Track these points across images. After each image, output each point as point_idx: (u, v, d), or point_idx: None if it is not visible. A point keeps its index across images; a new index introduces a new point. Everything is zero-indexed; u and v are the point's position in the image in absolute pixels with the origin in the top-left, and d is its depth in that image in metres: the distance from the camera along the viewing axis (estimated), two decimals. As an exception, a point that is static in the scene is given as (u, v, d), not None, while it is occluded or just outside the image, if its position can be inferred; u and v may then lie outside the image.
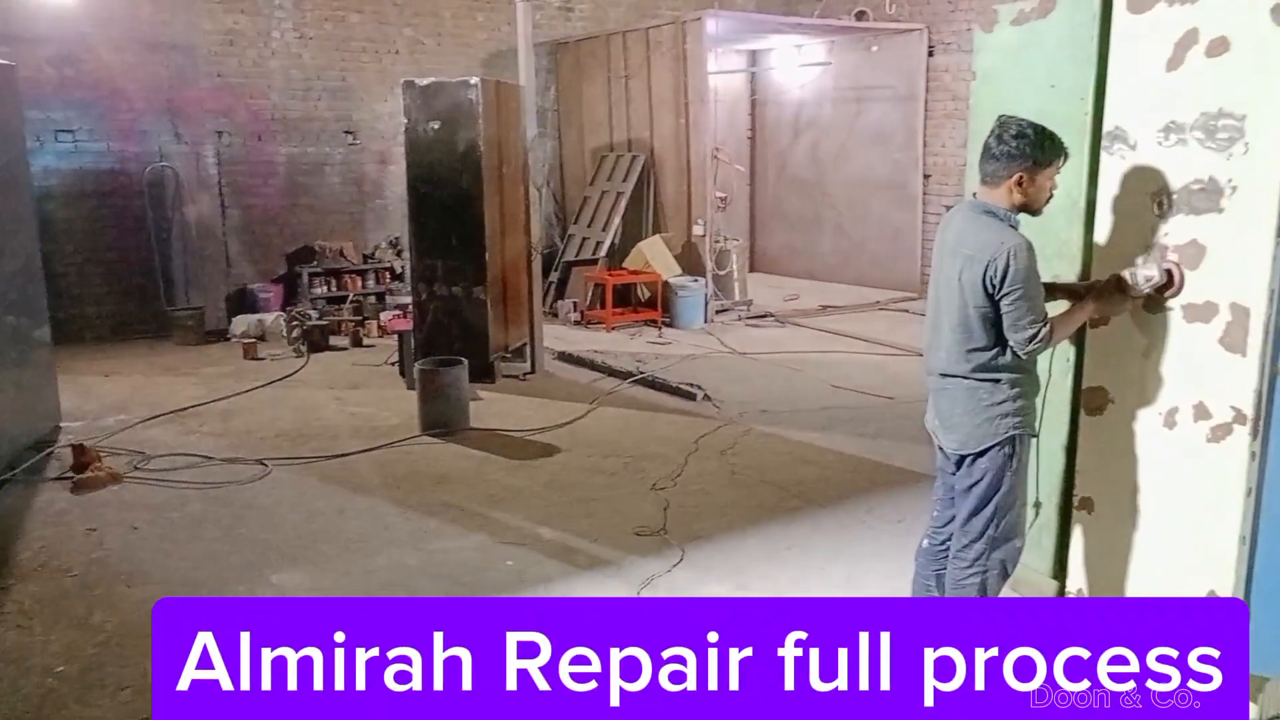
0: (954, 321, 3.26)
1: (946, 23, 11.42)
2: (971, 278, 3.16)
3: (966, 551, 3.40)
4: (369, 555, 4.79)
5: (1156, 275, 3.18)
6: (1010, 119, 3.19)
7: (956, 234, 3.28)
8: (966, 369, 3.26)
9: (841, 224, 12.94)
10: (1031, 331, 3.12)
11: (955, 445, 3.37)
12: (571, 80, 12.17)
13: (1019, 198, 3.20)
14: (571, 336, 9.80)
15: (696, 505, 5.35)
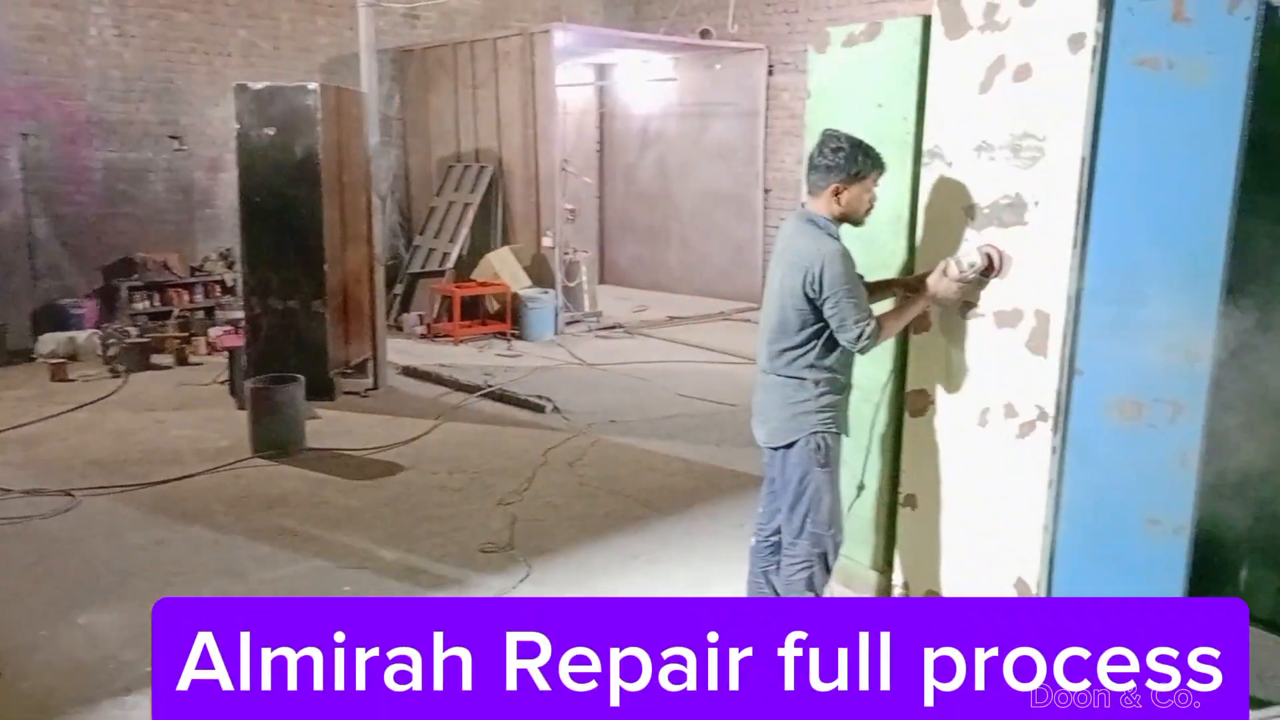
0: (772, 322, 3.43)
1: (785, 43, 11.80)
2: (792, 283, 3.32)
3: (793, 549, 3.54)
4: (191, 587, 4.51)
5: (979, 260, 3.34)
6: (832, 133, 3.36)
7: (784, 240, 3.46)
8: (779, 366, 3.42)
9: (687, 237, 13.17)
10: (858, 330, 3.27)
11: (765, 437, 3.55)
12: (418, 89, 11.98)
13: (837, 208, 3.37)
14: (417, 350, 9.62)
15: (544, 519, 5.33)
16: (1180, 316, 3.09)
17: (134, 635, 4.00)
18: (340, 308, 7.73)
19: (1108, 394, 3.21)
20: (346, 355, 7.93)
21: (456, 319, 10.06)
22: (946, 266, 3.39)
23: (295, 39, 10.90)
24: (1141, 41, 3.03)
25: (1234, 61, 2.94)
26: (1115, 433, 3.21)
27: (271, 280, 7.46)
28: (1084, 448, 3.26)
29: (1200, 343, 3.06)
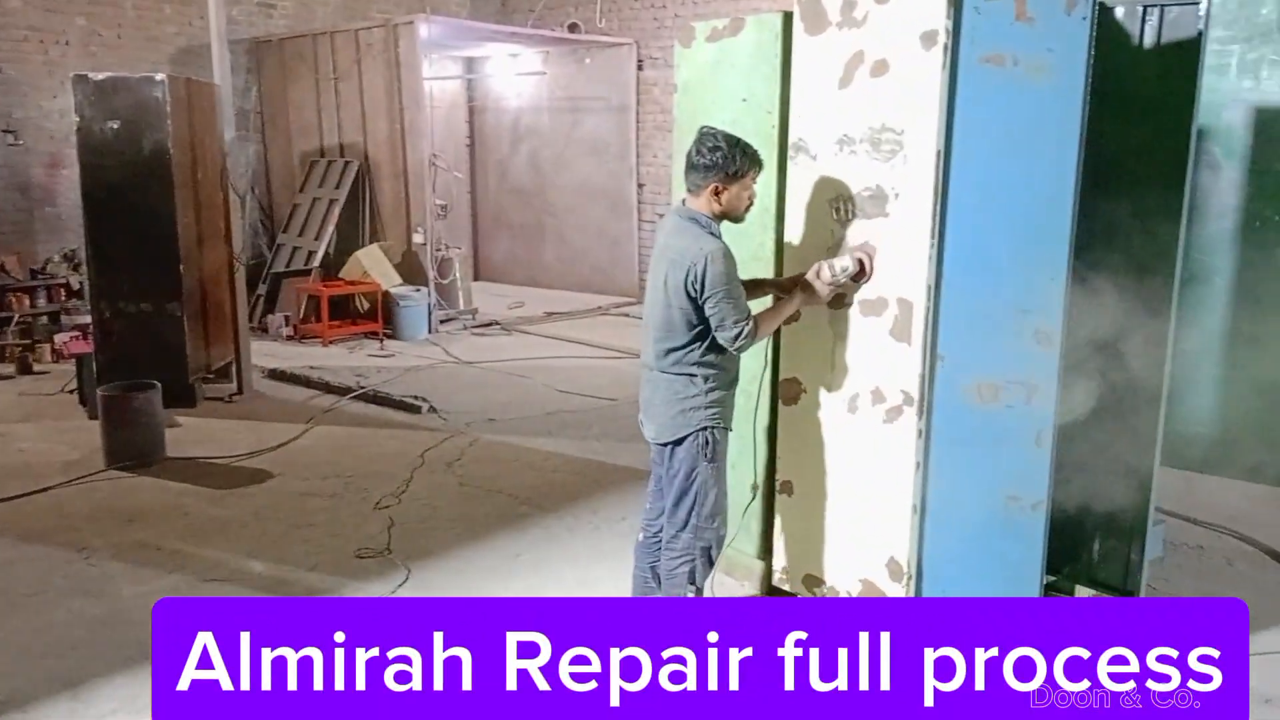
0: (658, 320, 3.43)
1: (654, 38, 11.87)
2: (675, 281, 3.32)
3: (675, 541, 3.56)
4: (42, 611, 4.27)
5: (851, 265, 3.43)
6: (709, 131, 3.37)
7: (665, 238, 3.45)
8: (667, 364, 3.43)
9: (563, 232, 13.13)
10: (736, 330, 3.31)
11: (653, 434, 3.56)
12: (276, 81, 11.58)
13: (717, 206, 3.39)
14: (284, 353, 9.31)
15: (423, 521, 5.24)
16: (1031, 302, 3.24)
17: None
18: (199, 310, 7.41)
19: (968, 378, 3.35)
20: (208, 359, 7.62)
21: (325, 319, 9.78)
22: (820, 270, 3.47)
23: (140, 28, 10.38)
24: (988, 40, 3.17)
25: (1073, 58, 3.10)
26: (975, 415, 3.36)
27: (122, 282, 7.10)
28: (947, 430, 3.40)
29: (1051, 326, 3.22)
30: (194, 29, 10.45)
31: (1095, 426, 3.72)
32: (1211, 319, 5.61)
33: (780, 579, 4.04)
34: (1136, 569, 3.71)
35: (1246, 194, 5.45)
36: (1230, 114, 5.44)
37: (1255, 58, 5.37)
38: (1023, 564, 3.39)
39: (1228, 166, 5.48)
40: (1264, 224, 5.44)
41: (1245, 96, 5.41)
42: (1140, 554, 3.69)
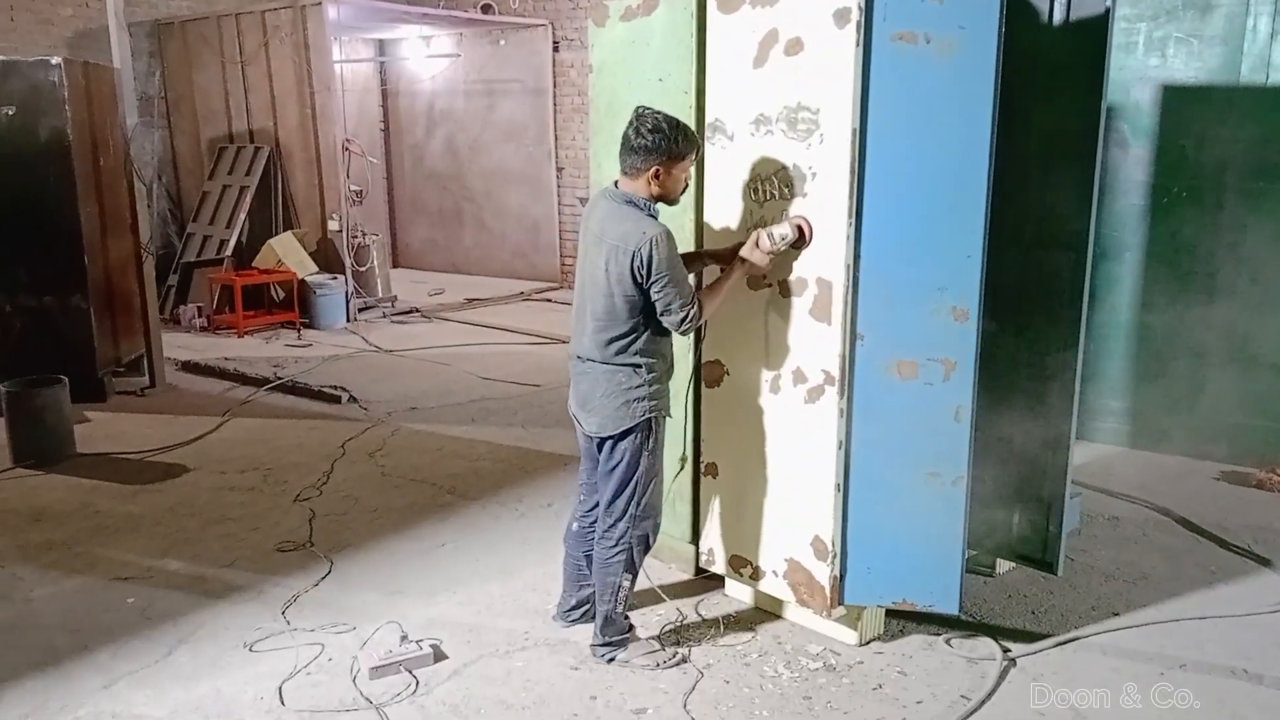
0: (598, 309, 3.34)
1: (569, 19, 11.75)
2: (619, 268, 3.24)
3: (611, 531, 3.51)
4: (-50, 614, 4.11)
5: (790, 232, 3.38)
6: (647, 112, 3.28)
7: (600, 223, 3.35)
8: (609, 354, 3.36)
9: (482, 217, 12.97)
10: (684, 314, 3.27)
11: (595, 428, 3.46)
12: (180, 64, 11.20)
13: (656, 189, 3.32)
14: (198, 344, 9.04)
15: (345, 512, 5.13)
16: (948, 279, 3.27)
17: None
18: (106, 302, 7.15)
19: (887, 356, 3.37)
20: (117, 353, 7.36)
21: (239, 309, 9.51)
22: (759, 239, 3.40)
23: (33, 10, 9.93)
24: (900, 17, 3.18)
25: (984, 36, 3.12)
26: (896, 392, 3.38)
27: (21, 275, 6.82)
28: (868, 408, 3.42)
29: (968, 302, 3.26)
30: (91, 11, 10.04)
31: (1012, 401, 3.79)
32: (1122, 294, 5.76)
33: (707, 560, 4.05)
34: (1055, 540, 3.78)
35: (1154, 171, 5.59)
36: (1138, 92, 5.57)
37: (1162, 35, 5.51)
38: (945, 539, 3.43)
39: (1136, 144, 5.62)
40: (1171, 200, 5.59)
41: (1152, 74, 5.54)
42: (1059, 526, 3.76)
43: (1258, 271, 5.41)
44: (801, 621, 3.83)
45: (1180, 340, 5.67)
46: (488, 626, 3.93)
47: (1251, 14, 5.28)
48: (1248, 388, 5.52)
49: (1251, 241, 5.41)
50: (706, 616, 3.95)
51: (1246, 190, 5.39)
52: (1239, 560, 4.42)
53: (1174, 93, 5.53)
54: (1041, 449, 3.78)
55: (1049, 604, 4.01)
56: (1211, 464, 5.57)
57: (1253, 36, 5.29)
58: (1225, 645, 3.70)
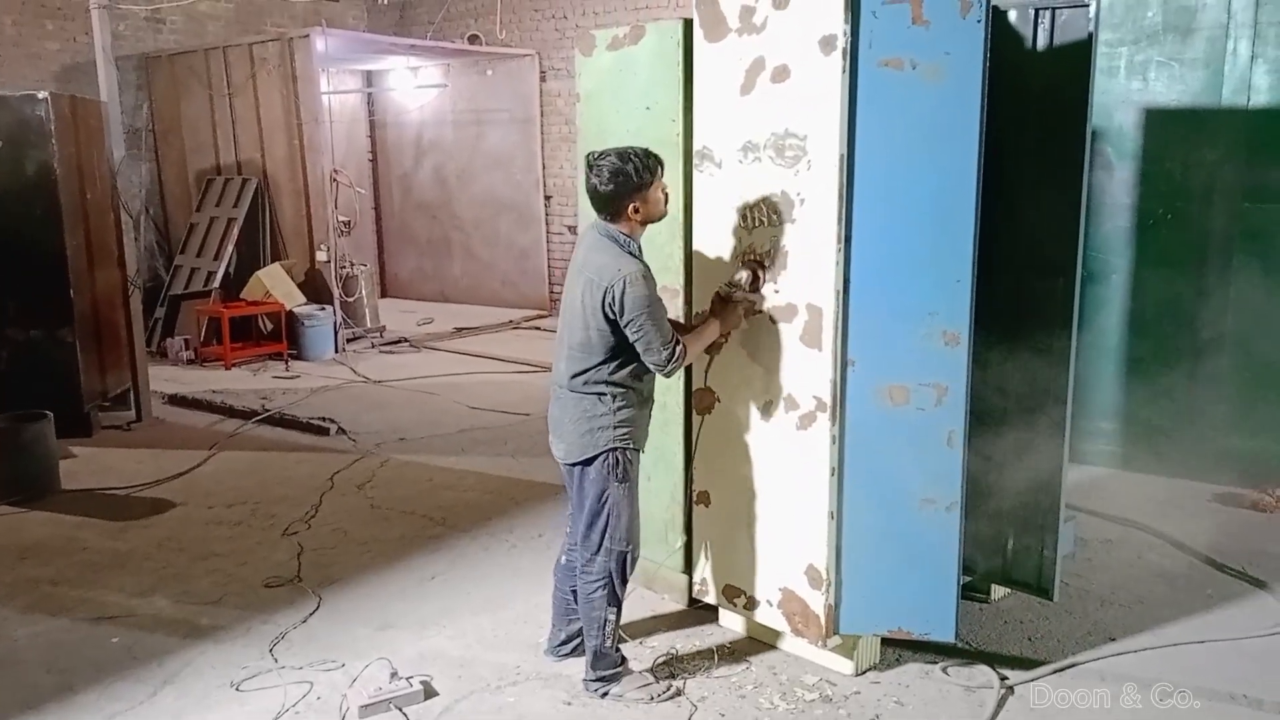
0: (575, 339, 3.35)
1: (556, 49, 11.81)
2: (592, 302, 3.26)
3: (590, 566, 3.49)
4: (-68, 654, 4.04)
5: (745, 276, 3.45)
6: (599, 158, 3.28)
7: (584, 253, 3.36)
8: (578, 382, 3.36)
9: (470, 246, 12.97)
10: (665, 354, 3.27)
11: (562, 454, 3.48)
12: (168, 98, 11.21)
13: (640, 219, 3.34)
14: (185, 377, 8.99)
15: (334, 546, 5.07)
16: (938, 303, 3.26)
17: None
18: (91, 336, 7.10)
19: (879, 381, 3.35)
20: (103, 386, 7.30)
21: (226, 341, 9.47)
22: (725, 294, 3.49)
23: (21, 44, 9.94)
24: (886, 44, 3.19)
25: (969, 61, 3.13)
26: (888, 418, 3.36)
27: (8, 308, 6.78)
28: (861, 434, 3.40)
29: (959, 327, 3.25)
30: (78, 45, 10.06)
31: (1004, 425, 3.78)
32: (1111, 315, 5.77)
33: (700, 590, 4.00)
34: (1050, 565, 3.76)
35: (1140, 193, 5.61)
36: (1121, 115, 5.60)
37: (1143, 59, 5.55)
38: (940, 566, 3.40)
39: (1120, 166, 5.65)
40: (1157, 222, 5.61)
41: (1134, 98, 5.58)
42: (1053, 550, 3.74)
43: (1246, 293, 5.43)
44: (796, 652, 3.79)
45: (1170, 361, 5.67)
46: (479, 660, 3.88)
47: (1232, 37, 5.33)
48: (1240, 408, 5.51)
49: (1239, 262, 5.43)
50: (700, 648, 3.90)
51: (1233, 211, 5.42)
52: (1235, 583, 4.40)
53: (1157, 116, 5.57)
54: (1035, 473, 3.76)
55: (1045, 630, 3.98)
56: (1205, 485, 5.54)
57: (1233, 60, 5.33)
58: (1224, 670, 3.67)
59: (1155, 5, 5.50)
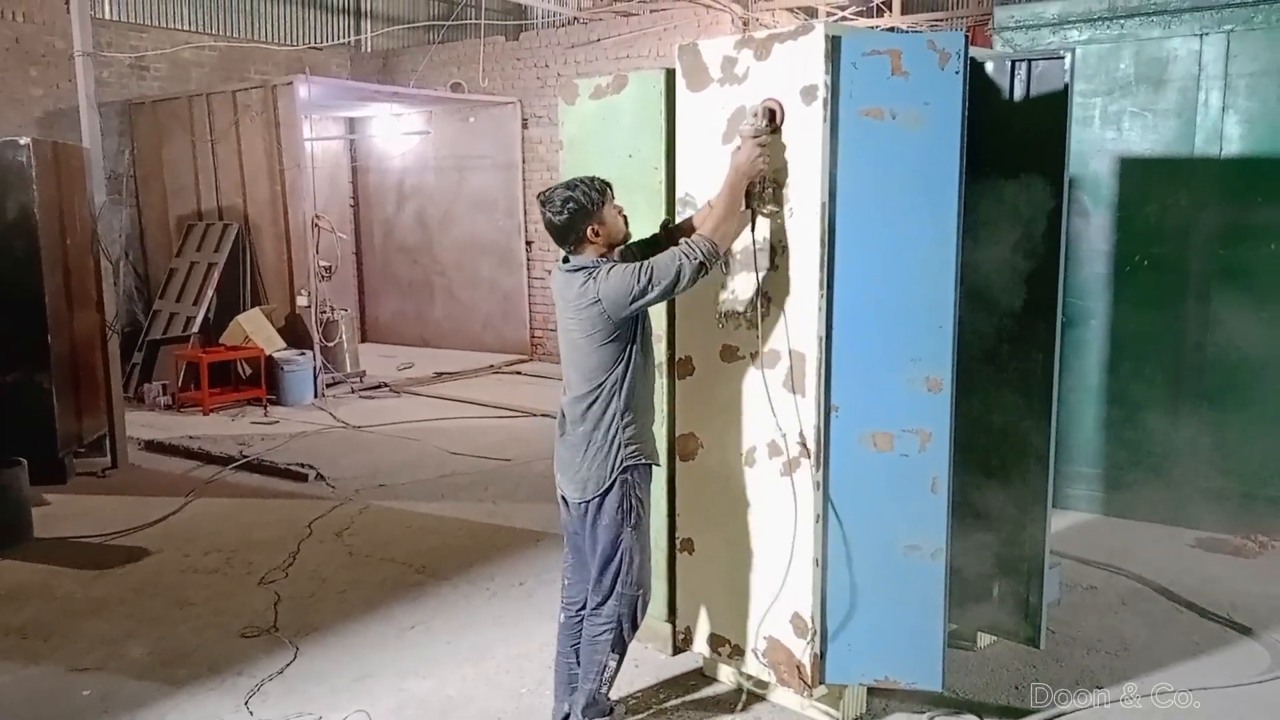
0: (579, 373, 3.34)
1: (537, 97, 11.93)
2: (589, 317, 3.23)
3: (601, 609, 3.41)
4: (-102, 707, 3.94)
5: (760, 115, 3.29)
6: (549, 194, 3.30)
7: (559, 291, 3.36)
8: (590, 415, 3.32)
9: (452, 290, 12.98)
10: (680, 264, 3.15)
11: (578, 493, 3.38)
12: (150, 143, 11.22)
13: (602, 242, 3.31)
14: (162, 423, 8.90)
15: (312, 594, 5.00)
16: (921, 349, 3.27)
17: None
18: (68, 381, 7.03)
19: (862, 427, 3.35)
20: (79, 432, 7.21)
21: (205, 387, 9.39)
22: (740, 131, 3.32)
23: (4, 90, 9.93)
24: (866, 94, 3.23)
25: (948, 111, 3.18)
26: (872, 464, 3.35)
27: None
28: (845, 481, 3.39)
29: (941, 372, 3.26)
30: (61, 91, 10.05)
31: (988, 471, 3.78)
32: (1090, 359, 5.81)
33: (684, 639, 3.95)
34: (1036, 612, 3.74)
35: (1116, 239, 5.68)
36: (1096, 163, 5.69)
37: (1117, 110, 5.65)
38: (926, 613, 3.38)
39: (1097, 213, 5.72)
40: (1134, 267, 5.67)
41: (1109, 146, 5.67)
42: (1039, 597, 3.72)
43: (1223, 337, 5.48)
44: (782, 702, 3.74)
45: (1149, 406, 5.71)
46: (461, 711, 3.81)
47: (1203, 89, 5.43)
48: (1220, 453, 5.54)
49: (1215, 307, 5.49)
50: (686, 699, 3.85)
51: (1208, 257, 5.49)
52: (1219, 629, 4.39)
53: (1131, 164, 5.66)
54: (1019, 519, 3.75)
55: (1032, 678, 3.95)
56: (1186, 530, 5.56)
57: (1205, 110, 5.44)
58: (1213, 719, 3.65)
59: (1128, 57, 5.61)
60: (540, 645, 4.34)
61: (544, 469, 7.19)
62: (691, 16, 10.75)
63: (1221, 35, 5.35)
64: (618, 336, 3.26)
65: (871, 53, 3.20)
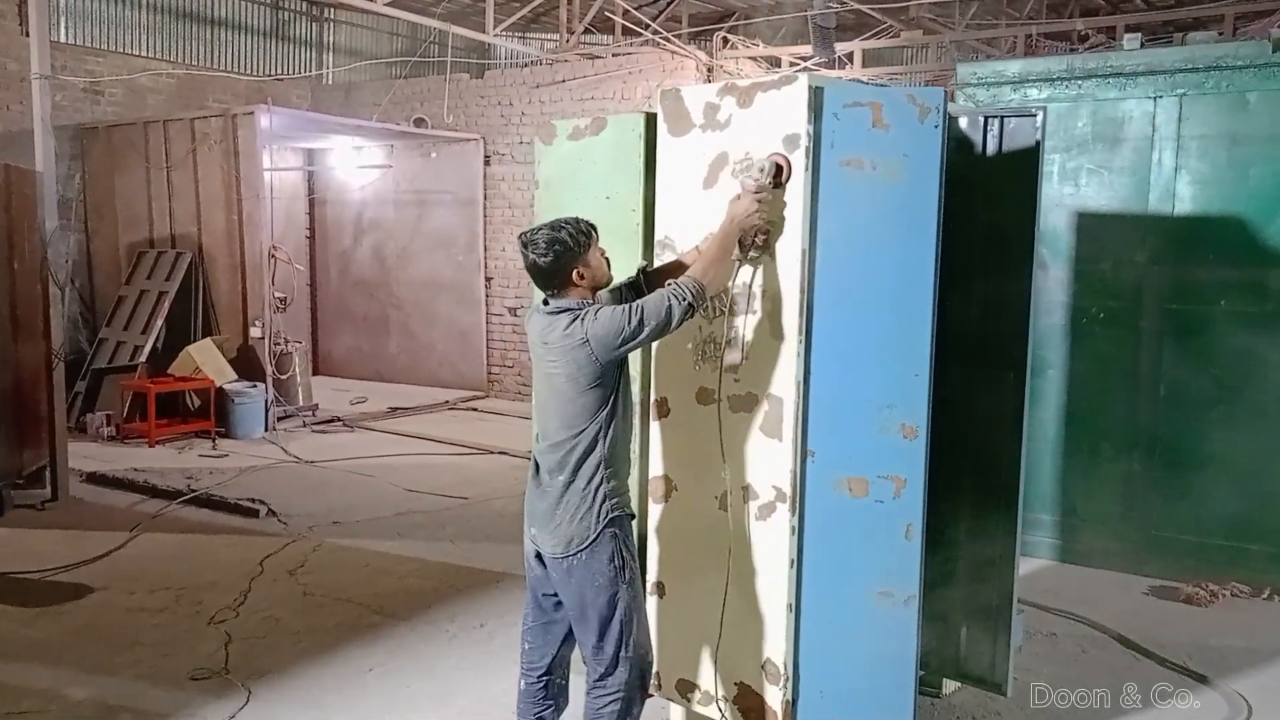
0: (560, 420, 3.21)
1: (500, 134, 11.96)
2: (575, 360, 3.12)
3: (605, 682, 3.24)
4: None
5: (767, 166, 3.24)
6: (531, 235, 3.22)
7: (539, 334, 3.25)
8: (559, 458, 3.22)
9: (409, 325, 12.87)
10: (676, 303, 3.10)
11: (559, 547, 3.22)
12: (103, 168, 11.04)
13: (587, 284, 3.25)
14: (106, 455, 8.67)
15: (265, 635, 4.86)
16: (896, 396, 3.31)
17: None
18: (10, 409, 6.83)
19: (838, 473, 3.36)
20: (20, 463, 6.99)
21: (152, 418, 9.17)
22: (743, 183, 3.27)
23: (-46, 112, 9.75)
24: (847, 144, 3.28)
25: (927, 163, 3.24)
26: (847, 510, 3.36)
27: (-77, 382, 6.49)
28: (819, 526, 3.38)
29: (916, 419, 3.29)
30: (12, 114, 9.89)
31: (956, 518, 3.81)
32: (1048, 409, 5.91)
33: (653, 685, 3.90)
34: (1003, 659, 3.76)
35: (1073, 291, 5.82)
36: (1054, 217, 5.83)
37: (1074, 166, 5.81)
38: (897, 661, 3.38)
39: (1054, 266, 5.85)
40: (1090, 319, 5.81)
41: (1067, 201, 5.82)
42: (1006, 644, 3.74)
43: (1177, 389, 5.62)
44: (751, 748, 3.70)
45: (1104, 455, 5.82)
46: (421, 759, 3.72)
47: (1156, 149, 5.61)
48: (1171, 503, 5.65)
49: (1169, 359, 5.63)
50: (652, 744, 3.80)
51: (1162, 311, 5.64)
52: (1177, 677, 4.45)
53: (1088, 219, 5.81)
54: (986, 567, 3.78)
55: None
56: (1140, 579, 5.65)
57: (1159, 169, 5.61)
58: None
59: (1086, 116, 5.78)
60: (503, 690, 4.25)
61: (503, 508, 7.15)
62: (656, 61, 10.88)
63: (1174, 99, 5.54)
64: (602, 382, 3.16)
65: (853, 104, 3.26)
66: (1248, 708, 4.13)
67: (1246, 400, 5.49)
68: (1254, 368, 5.46)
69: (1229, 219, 5.46)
